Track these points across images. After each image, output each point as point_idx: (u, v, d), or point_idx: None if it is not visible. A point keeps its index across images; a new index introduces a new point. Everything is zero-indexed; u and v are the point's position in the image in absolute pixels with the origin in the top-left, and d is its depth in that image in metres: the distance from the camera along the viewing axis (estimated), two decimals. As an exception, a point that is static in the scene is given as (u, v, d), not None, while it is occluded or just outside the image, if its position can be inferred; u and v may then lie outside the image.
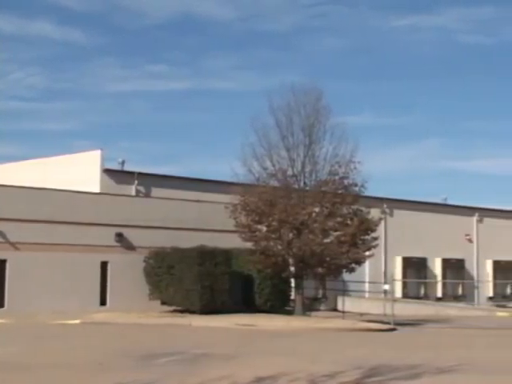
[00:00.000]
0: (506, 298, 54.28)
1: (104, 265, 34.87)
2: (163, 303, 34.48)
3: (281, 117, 34.03)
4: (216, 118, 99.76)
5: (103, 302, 34.56)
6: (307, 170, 33.82)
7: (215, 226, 36.17)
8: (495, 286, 53.92)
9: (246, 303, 34.19)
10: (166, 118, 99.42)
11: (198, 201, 37.94)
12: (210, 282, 32.78)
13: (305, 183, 33.90)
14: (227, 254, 33.90)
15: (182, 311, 33.57)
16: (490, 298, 53.26)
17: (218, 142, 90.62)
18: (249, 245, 33.63)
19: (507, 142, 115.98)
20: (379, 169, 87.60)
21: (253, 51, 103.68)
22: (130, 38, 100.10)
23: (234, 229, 33.63)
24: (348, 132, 33.70)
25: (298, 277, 34.01)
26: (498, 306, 49.59)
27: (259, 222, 33.47)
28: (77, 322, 28.81)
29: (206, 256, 33.09)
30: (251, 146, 33.56)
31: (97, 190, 37.74)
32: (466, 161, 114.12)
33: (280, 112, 34.05)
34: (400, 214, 50.07)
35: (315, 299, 42.12)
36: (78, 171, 38.97)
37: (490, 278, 54.15)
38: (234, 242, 34.12)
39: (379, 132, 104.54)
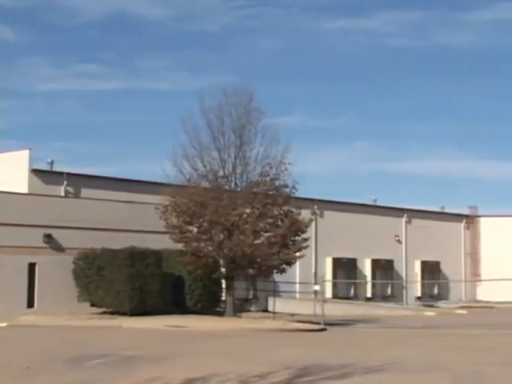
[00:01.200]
0: (433, 297, 55.20)
1: (32, 266, 34.25)
2: (93, 305, 34.07)
3: (212, 118, 34.00)
4: (148, 119, 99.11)
5: (31, 305, 33.94)
6: (238, 171, 33.82)
7: (146, 227, 35.89)
8: (423, 286, 54.79)
9: (176, 304, 34.02)
10: (98, 118, 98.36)
11: (128, 201, 37.60)
12: (140, 284, 32.52)
13: (236, 184, 33.88)
14: (158, 255, 33.68)
15: (111, 313, 33.20)
16: (418, 298, 54.09)
17: (149, 142, 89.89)
18: (180, 246, 33.47)
19: (436, 144, 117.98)
20: (310, 170, 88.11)
21: (186, 52, 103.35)
22: (61, 37, 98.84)
23: (164, 230, 33.43)
24: (279, 133, 33.82)
25: (228, 278, 33.98)
26: (425, 305, 50.37)
27: (190, 223, 33.33)
28: (3, 325, 28.25)
29: (136, 257, 32.81)
30: (182, 147, 33.46)
31: (25, 190, 37.09)
32: (396, 162, 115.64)
33: (211, 113, 34.02)
34: (330, 215, 50.46)
35: (246, 300, 42.15)
36: (6, 171, 38.23)
37: (418, 278, 54.99)
38: (164, 243, 33.92)
39: (311, 133, 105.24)
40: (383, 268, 53.04)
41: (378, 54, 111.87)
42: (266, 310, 41.00)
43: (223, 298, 34.93)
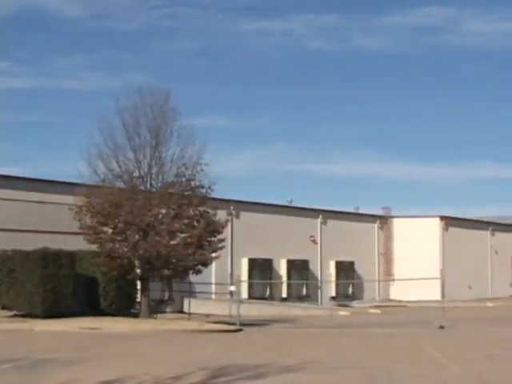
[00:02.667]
0: (347, 297, 55.89)
1: None
2: (3, 308, 33.28)
3: (127, 118, 33.59)
4: (62, 118, 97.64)
5: None
6: (154, 171, 33.55)
7: (59, 228, 35.31)
8: (338, 286, 55.40)
9: (90, 306, 33.52)
10: (10, 117, 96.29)
11: (41, 202, 36.89)
12: (53, 285, 31.93)
13: (151, 185, 33.60)
14: (71, 257, 33.15)
15: (23, 316, 32.48)
16: (333, 298, 54.64)
17: (63, 142, 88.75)
18: (94, 247, 33.01)
19: (351, 146, 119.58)
20: (227, 171, 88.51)
21: (102, 51, 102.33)
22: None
23: (78, 231, 32.92)
24: (196, 134, 33.68)
25: (144, 279, 33.67)
26: (340, 305, 50.91)
27: (105, 224, 32.89)
28: None
29: (49, 258, 32.19)
30: (97, 147, 32.97)
31: None
32: (311, 164, 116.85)
33: (126, 113, 33.61)
34: (246, 216, 50.56)
35: (161, 301, 41.86)
36: None
37: (333, 278, 55.58)
38: (78, 244, 33.38)
39: (228, 134, 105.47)
40: (298, 268, 53.44)
41: (296, 55, 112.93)
42: (181, 311, 40.83)
43: (138, 300, 34.59)
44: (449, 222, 63.65)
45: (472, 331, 30.51)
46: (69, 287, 32.51)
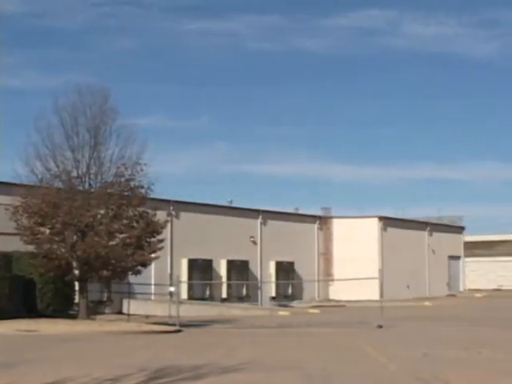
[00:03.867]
0: (287, 297, 56.11)
1: None
2: None
3: (66, 117, 33.19)
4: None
5: None
6: (92, 171, 33.20)
7: (-5, 229, 34.67)
8: (278, 286, 55.57)
9: (27, 308, 33.01)
10: None
11: (-24, 202, 36.18)
12: (-12, 287, 31.38)
13: (90, 185, 33.24)
14: (7, 258, 32.65)
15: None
16: (273, 298, 54.79)
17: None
18: (31, 248, 32.51)
19: (291, 146, 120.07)
20: (167, 171, 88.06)
21: (41, 49, 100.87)
22: None
23: (15, 231, 32.38)
24: (136, 134, 33.46)
25: (82, 280, 33.29)
26: (279, 305, 51.10)
27: (42, 225, 32.43)
28: None
29: (-16, 260, 31.64)
30: (34, 146, 32.52)
31: None
32: (252, 164, 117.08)
33: (65, 112, 33.22)
34: (186, 217, 50.40)
35: (100, 302, 41.48)
36: None
37: (273, 278, 55.73)
38: (15, 244, 32.84)
39: (169, 134, 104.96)
40: (238, 269, 53.48)
41: (237, 56, 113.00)
42: (120, 312, 40.50)
43: (76, 301, 34.21)
44: (387, 222, 64.37)
45: (410, 330, 30.89)
46: (5, 289, 31.98)
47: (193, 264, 50.02)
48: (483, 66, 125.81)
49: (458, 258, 75.21)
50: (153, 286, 43.85)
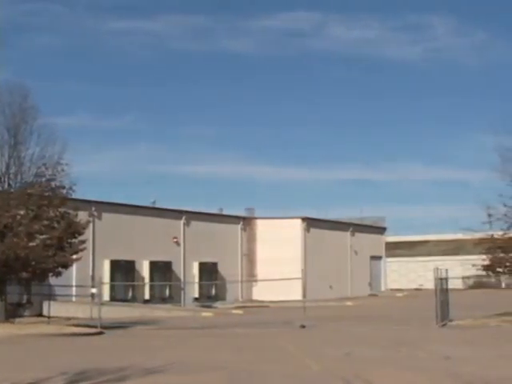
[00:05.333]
0: (210, 298, 56.01)
1: None
2: None
3: (-17, 115, 32.46)
4: None
5: None
6: (12, 171, 32.53)
7: None
8: (201, 287, 55.43)
9: None
10: None
11: None
12: None
13: (9, 185, 32.55)
14: None
15: None
16: (196, 299, 54.65)
17: None
18: None
19: (215, 147, 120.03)
20: (90, 171, 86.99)
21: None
22: None
23: None
24: (57, 133, 32.95)
25: (0, 282, 32.57)
26: (203, 306, 51.00)
27: (-41, 226, 31.63)
28: None
29: None
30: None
31: None
32: (176, 164, 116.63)
33: (-17, 110, 32.48)
34: (109, 217, 49.83)
35: (19, 305, 40.64)
36: None
37: (196, 279, 55.58)
38: None
39: (92, 134, 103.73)
40: (161, 270, 53.12)
41: (161, 56, 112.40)
42: (41, 315, 39.79)
43: (-5, 303, 33.43)
44: (310, 223, 64.84)
45: (332, 330, 31.15)
46: None
47: (115, 265, 49.47)
48: (406, 69, 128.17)
49: (379, 258, 76.29)
50: (74, 288, 43.19)
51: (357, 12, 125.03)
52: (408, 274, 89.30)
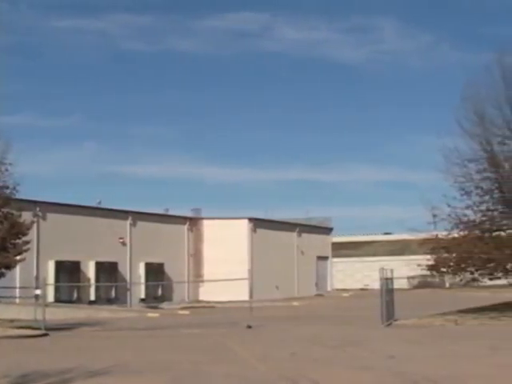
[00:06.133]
0: (157, 299, 55.73)
1: None
2: None
3: None
4: None
5: None
6: (-47, 170, 31.95)
7: None
8: (147, 287, 55.12)
9: None
10: None
11: None
12: None
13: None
14: None
15: None
16: (142, 300, 54.34)
17: None
18: None
19: (162, 147, 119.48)
20: (34, 171, 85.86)
21: None
22: None
23: None
24: (0, 132, 32.44)
25: None
26: (149, 307, 50.73)
27: None
28: None
29: None
30: None
31: None
32: (122, 164, 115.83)
33: None
34: (54, 218, 49.27)
35: (-39, 307, 39.91)
36: None
37: (143, 280, 55.26)
38: None
39: (37, 133, 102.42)
40: (107, 270, 52.71)
41: (110, 55, 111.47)
42: (-17, 317, 39.08)
43: None
44: (257, 223, 64.91)
45: (279, 330, 31.19)
46: None
47: (60, 266, 48.93)
48: (353, 71, 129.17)
49: (325, 258, 76.69)
50: (18, 289, 42.56)
51: (305, 13, 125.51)
52: (354, 274, 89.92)
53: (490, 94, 36.39)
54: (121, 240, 54.82)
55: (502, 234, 36.08)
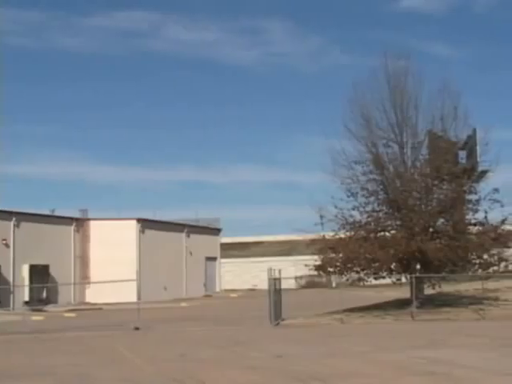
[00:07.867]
0: (42, 301, 54.45)
1: None
2: None
3: None
4: None
5: None
6: None
7: None
8: (31, 290, 53.80)
9: None
10: None
11: None
12: None
13: None
14: None
15: None
16: (26, 303, 52.98)
17: None
18: None
19: (48, 147, 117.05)
20: None
21: None
22: None
23: None
24: None
25: None
26: (34, 309, 49.51)
27: None
28: None
29: None
30: None
31: None
32: (5, 164, 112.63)
33: None
34: None
35: None
36: None
37: (27, 282, 53.91)
38: None
39: None
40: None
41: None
42: None
43: None
44: (146, 224, 64.33)
45: (167, 331, 30.97)
46: None
47: None
48: (243, 73, 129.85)
49: (214, 259, 76.74)
50: None
51: (195, 14, 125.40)
52: (242, 275, 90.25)
53: (376, 97, 37.28)
54: (4, 241, 53.32)
55: (387, 234, 36.94)
